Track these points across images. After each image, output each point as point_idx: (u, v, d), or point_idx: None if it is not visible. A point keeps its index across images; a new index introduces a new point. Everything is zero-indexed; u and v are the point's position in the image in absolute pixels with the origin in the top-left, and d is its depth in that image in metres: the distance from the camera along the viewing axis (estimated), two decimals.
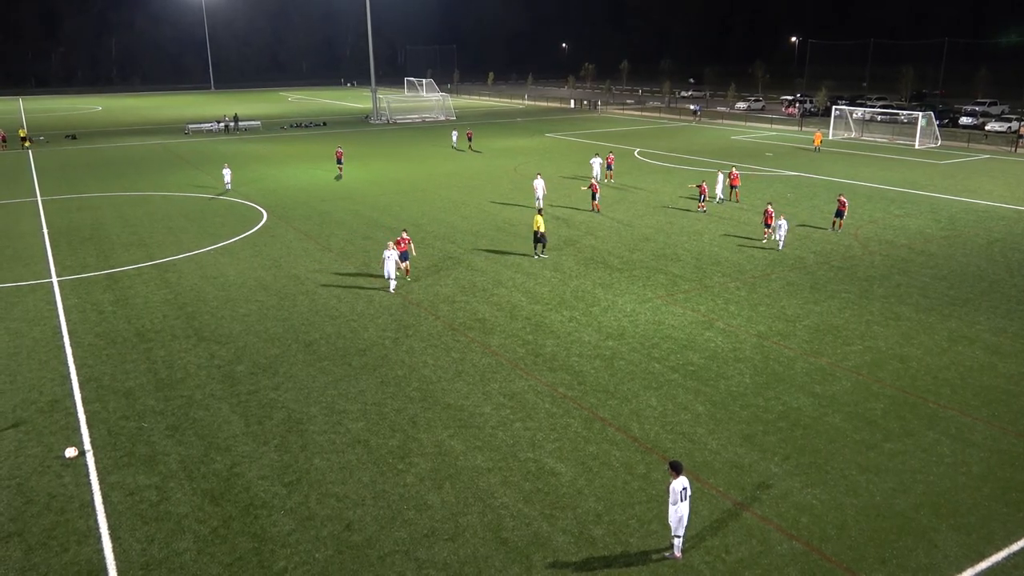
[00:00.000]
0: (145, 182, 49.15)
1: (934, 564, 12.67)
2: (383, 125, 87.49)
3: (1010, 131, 70.74)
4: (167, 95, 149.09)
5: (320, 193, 44.91)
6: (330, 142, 69.29)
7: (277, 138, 74.94)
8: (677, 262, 29.91)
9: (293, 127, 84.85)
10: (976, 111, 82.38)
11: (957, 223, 36.42)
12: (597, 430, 17.05)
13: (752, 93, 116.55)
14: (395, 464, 15.74)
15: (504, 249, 31.94)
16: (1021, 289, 26.51)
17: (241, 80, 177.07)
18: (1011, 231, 34.67)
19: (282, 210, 39.94)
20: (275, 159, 59.41)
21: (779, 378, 19.60)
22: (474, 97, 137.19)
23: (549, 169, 52.47)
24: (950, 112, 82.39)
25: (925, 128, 66.05)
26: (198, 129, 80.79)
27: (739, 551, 13.02)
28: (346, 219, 37.83)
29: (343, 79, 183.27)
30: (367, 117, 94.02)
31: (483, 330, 23.01)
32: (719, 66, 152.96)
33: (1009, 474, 15.24)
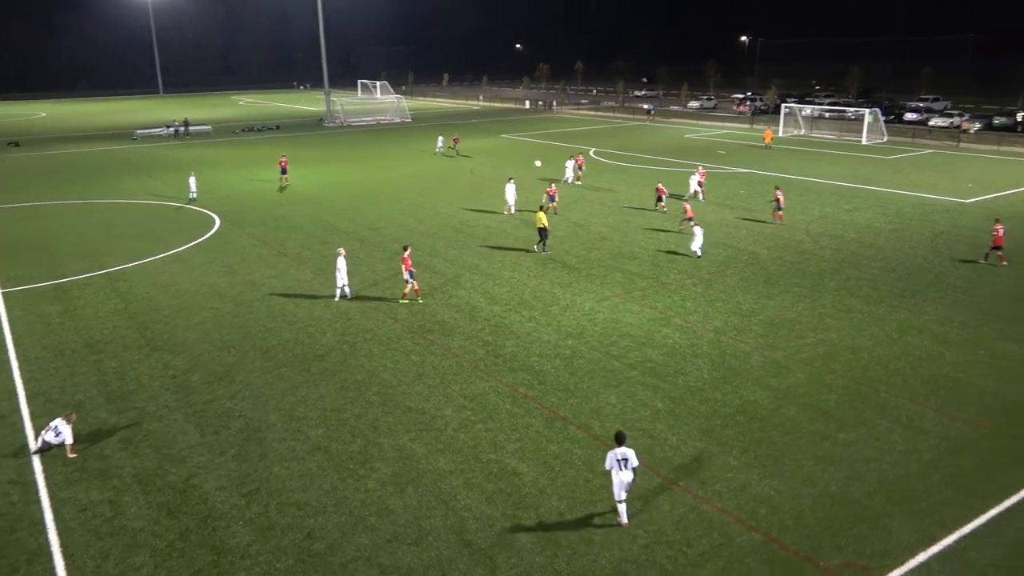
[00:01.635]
0: (94, 190, 47.99)
1: (889, 549, 12.98)
2: (337, 128, 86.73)
3: (952, 126, 72.76)
4: (115, 100, 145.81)
5: (275, 198, 44.34)
6: (283, 146, 68.43)
7: (229, 143, 73.79)
8: (634, 260, 30.18)
9: (245, 131, 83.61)
10: (920, 107, 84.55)
11: (904, 217, 37.35)
12: (558, 429, 17.12)
13: (704, 92, 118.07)
14: (356, 470, 15.61)
15: (462, 251, 31.89)
16: (966, 280, 27.29)
17: (191, 84, 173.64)
18: (955, 223, 35.67)
19: (236, 216, 39.33)
20: (227, 164, 58.48)
21: (736, 372, 19.89)
22: (429, 99, 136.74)
23: (508, 170, 52.50)
24: (895, 108, 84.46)
25: (872, 124, 67.61)
26: (147, 135, 79.13)
27: (700, 544, 13.18)
28: (302, 224, 37.41)
29: (295, 82, 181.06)
30: (321, 120, 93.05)
31: (443, 332, 22.95)
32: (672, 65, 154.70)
33: (958, 460, 15.68)
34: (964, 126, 69.72)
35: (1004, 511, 13.96)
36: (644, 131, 78.02)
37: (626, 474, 13.46)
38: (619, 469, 13.46)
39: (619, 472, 13.48)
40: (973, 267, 28.72)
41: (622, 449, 13.51)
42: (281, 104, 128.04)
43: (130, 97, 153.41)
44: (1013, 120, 72.99)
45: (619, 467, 13.46)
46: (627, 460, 13.45)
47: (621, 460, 13.44)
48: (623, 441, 13.65)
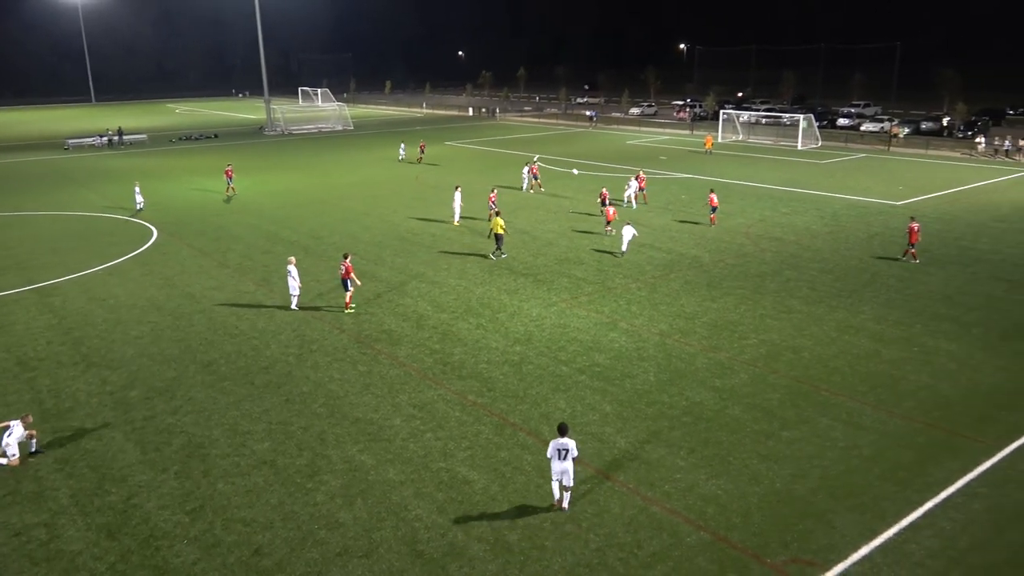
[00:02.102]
0: (23, 201, 46.30)
1: (833, 544, 13.30)
2: (278, 136, 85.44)
3: (883, 131, 75.28)
4: (43, 109, 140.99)
5: (214, 208, 43.42)
6: (222, 155, 67.13)
7: (166, 152, 72.05)
8: (580, 265, 30.41)
9: (182, 140, 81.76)
10: (852, 113, 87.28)
11: (840, 219, 38.46)
12: (508, 435, 17.12)
13: (645, 99, 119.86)
14: (304, 483, 15.35)
15: (408, 259, 31.69)
16: (899, 279, 28.22)
17: (124, 91, 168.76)
18: (888, 225, 36.87)
19: (174, 226, 38.38)
20: (164, 174, 57.05)
21: (681, 374, 20.19)
22: (372, 106, 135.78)
23: (453, 178, 52.45)
24: (828, 114, 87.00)
25: (807, 130, 69.54)
26: (79, 144, 76.68)
27: (651, 545, 13.32)
28: (243, 233, 36.71)
29: (234, 89, 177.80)
30: (261, 128, 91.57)
31: (390, 341, 22.75)
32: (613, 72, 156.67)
33: (896, 454, 16.18)
34: (894, 131, 72.18)
35: (940, 503, 14.45)
36: (587, 137, 78.78)
37: (565, 463, 14.01)
38: (558, 458, 14.04)
39: (558, 461, 14.03)
40: (905, 267, 29.72)
41: (564, 440, 14.07)
42: (219, 112, 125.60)
43: (60, 106, 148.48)
44: (939, 125, 75.92)
45: (558, 456, 14.03)
46: (567, 450, 14.00)
47: (561, 450, 14.02)
48: (565, 432, 14.21)
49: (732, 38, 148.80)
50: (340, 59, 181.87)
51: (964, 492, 14.78)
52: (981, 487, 14.95)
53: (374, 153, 67.77)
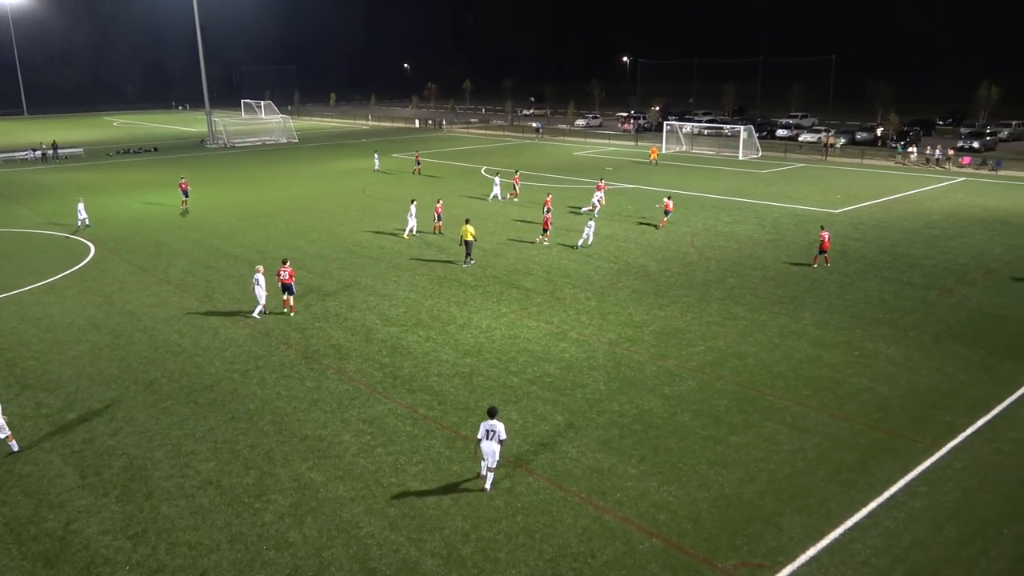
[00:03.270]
0: None
1: (781, 546, 13.54)
2: (220, 149, 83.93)
3: (820, 141, 77.39)
4: None
5: (155, 223, 42.38)
6: (163, 168, 65.72)
7: (103, 166, 70.12)
8: (528, 276, 30.51)
9: (121, 153, 79.66)
10: (790, 124, 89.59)
11: (780, 227, 39.38)
12: (460, 448, 17.03)
13: (590, 110, 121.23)
14: (251, 503, 15.01)
15: (356, 272, 31.38)
16: (839, 285, 28.99)
17: (58, 104, 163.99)
18: None
19: (112, 242, 37.33)
20: (102, 188, 55.48)
21: (631, 383, 20.37)
22: (317, 118, 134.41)
23: (400, 190, 52.22)
24: (768, 125, 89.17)
25: (747, 140, 71.14)
26: (10, 158, 74.12)
27: (604, 554, 13.37)
28: (185, 249, 35.89)
29: (174, 102, 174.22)
30: (203, 141, 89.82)
31: (338, 356, 22.47)
32: (559, 84, 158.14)
33: (840, 456, 16.57)
34: (830, 141, 74.27)
35: (883, 502, 14.84)
36: (534, 149, 79.27)
37: (493, 445, 15.00)
38: (487, 439, 15.00)
39: (487, 442, 15.02)
40: (844, 273, 30.55)
41: (492, 422, 15.00)
42: (159, 125, 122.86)
43: None
44: (873, 135, 78.44)
45: (487, 437, 14.99)
46: (495, 432, 14.93)
47: (489, 431, 14.96)
48: (494, 415, 15.16)
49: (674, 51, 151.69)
50: (283, 71, 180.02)
51: (905, 491, 15.21)
52: (921, 486, 15.41)
53: (320, 166, 67.05)
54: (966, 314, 25.60)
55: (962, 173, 58.97)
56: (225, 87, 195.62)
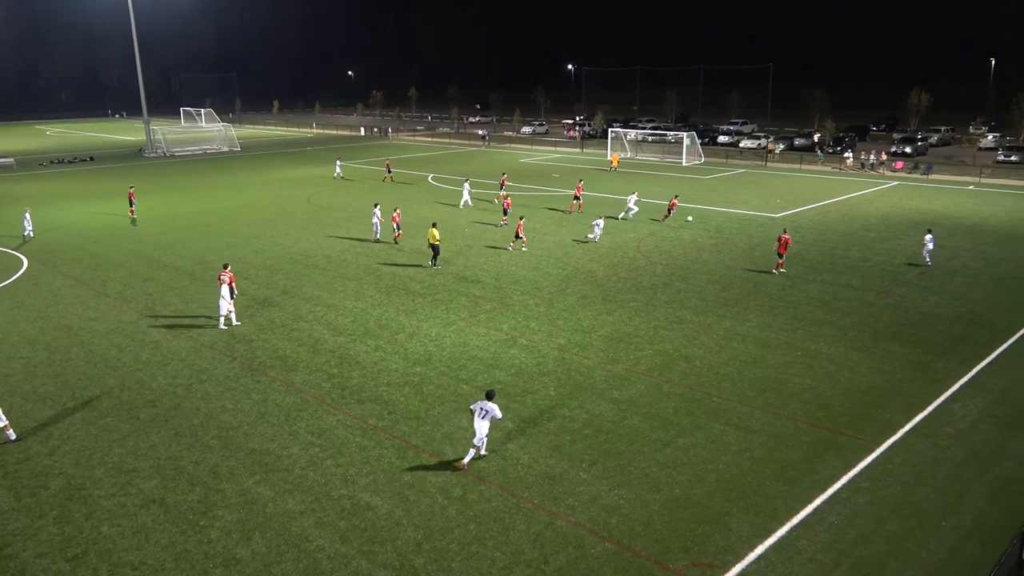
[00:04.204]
0: None
1: (730, 545, 13.76)
2: (160, 158, 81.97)
3: (760, 147, 79.25)
4: None
5: (92, 234, 41.15)
6: (100, 178, 63.92)
7: (35, 176, 67.84)
8: (477, 284, 30.49)
9: (55, 163, 77.15)
10: (731, 130, 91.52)
11: (723, 232, 40.14)
12: (411, 458, 16.90)
13: (536, 118, 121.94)
14: (197, 520, 14.64)
15: (302, 282, 30.94)
16: (780, 287, 29.66)
17: None
18: (768, 236, 38.72)
19: (46, 255, 36.11)
20: (34, 199, 53.53)
21: (581, 387, 20.49)
22: (259, 126, 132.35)
23: (346, 198, 51.73)
24: (710, 132, 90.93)
25: (690, 147, 72.42)
26: None
27: (557, 560, 13.40)
28: (124, 260, 34.92)
29: (110, 110, 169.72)
30: (141, 150, 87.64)
31: (285, 368, 22.10)
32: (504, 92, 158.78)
33: (785, 454, 16.93)
34: (770, 147, 76.08)
35: (827, 499, 15.20)
36: (480, 156, 79.35)
37: (484, 424, 15.96)
38: (480, 418, 15.97)
39: (479, 420, 15.98)
40: (786, 275, 31.27)
41: (489, 403, 16.02)
42: (95, 134, 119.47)
43: None
44: (811, 141, 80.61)
45: (479, 415, 15.97)
46: (488, 412, 15.92)
47: (482, 411, 15.95)
48: (491, 397, 16.28)
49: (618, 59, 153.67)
50: (224, 78, 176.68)
51: (849, 487, 15.61)
52: (863, 482, 15.83)
53: (263, 175, 66.00)
54: (902, 314, 26.44)
55: (895, 177, 60.97)
56: (164, 95, 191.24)
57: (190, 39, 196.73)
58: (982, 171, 61.27)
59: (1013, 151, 68.73)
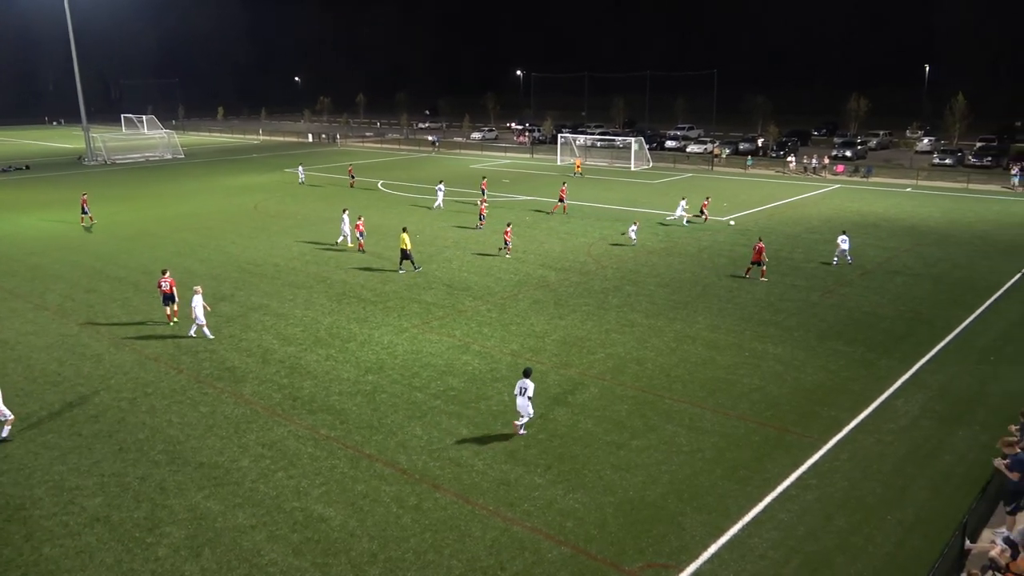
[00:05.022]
0: None
1: (684, 545, 13.91)
2: (100, 166, 79.83)
3: (706, 152, 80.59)
4: None
5: (28, 245, 39.83)
6: (36, 187, 61.96)
7: None
8: (429, 290, 30.35)
9: None
10: (678, 136, 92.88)
11: (672, 235, 40.68)
12: (364, 468, 16.72)
13: (486, 124, 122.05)
14: (143, 538, 14.25)
15: (250, 291, 30.41)
16: (727, 289, 30.18)
17: None
18: (715, 239, 39.40)
19: None
20: None
21: (535, 392, 20.49)
22: (204, 133, 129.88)
23: (294, 206, 51.06)
24: (657, 137, 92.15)
25: (638, 152, 73.32)
26: None
27: (513, 565, 13.38)
28: (63, 272, 33.87)
29: (47, 117, 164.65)
30: (80, 158, 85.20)
31: (233, 379, 21.67)
32: (453, 97, 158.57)
33: (735, 454, 17.20)
34: (716, 152, 77.44)
35: (777, 496, 15.49)
36: (430, 162, 79.10)
37: (523, 400, 17.55)
38: (520, 395, 17.59)
39: (519, 397, 17.62)
40: (732, 278, 31.82)
41: (524, 381, 17.57)
42: (31, 141, 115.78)
43: None
44: (755, 146, 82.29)
45: (519, 392, 17.59)
46: (525, 389, 17.42)
47: (521, 388, 17.53)
48: (528, 375, 17.72)
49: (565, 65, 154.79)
50: (166, 84, 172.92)
51: (797, 484, 15.93)
52: (812, 478, 16.17)
53: (209, 182, 64.76)
54: (846, 313, 27.12)
55: (837, 180, 62.59)
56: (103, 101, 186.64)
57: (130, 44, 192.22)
58: (919, 174, 63.30)
59: (947, 154, 71.14)
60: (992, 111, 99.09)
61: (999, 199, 52.34)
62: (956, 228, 42.10)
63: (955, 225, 42.93)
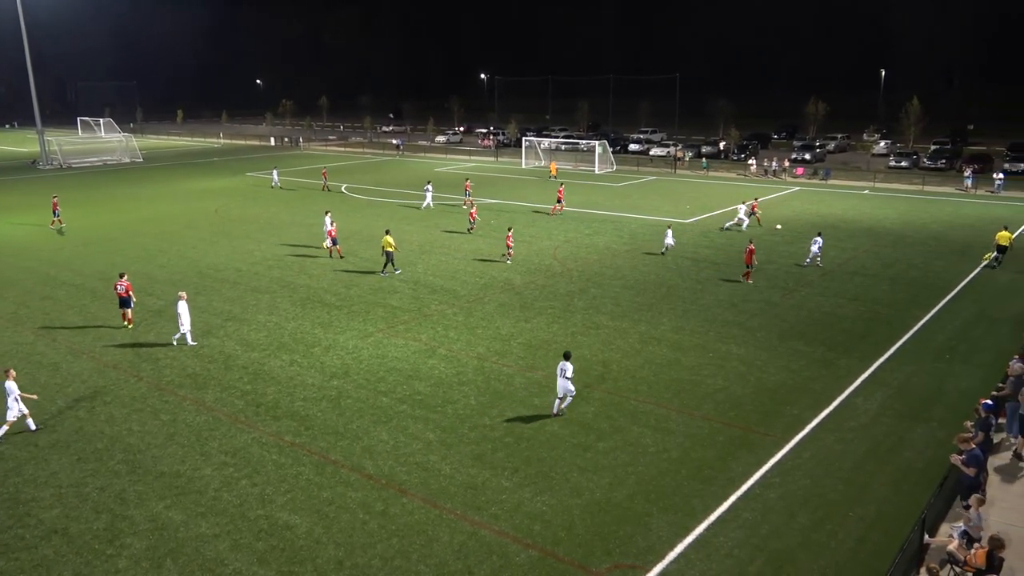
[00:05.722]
0: None
1: (651, 546, 14.01)
2: (55, 170, 78.05)
3: (669, 155, 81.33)
4: None
5: None
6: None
7: None
8: (394, 294, 30.19)
9: None
10: (641, 139, 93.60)
11: (636, 238, 40.99)
12: (330, 474, 16.56)
13: (450, 127, 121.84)
14: (103, 550, 13.95)
15: (211, 297, 29.97)
16: (691, 291, 30.48)
17: None
18: (678, 241, 39.70)
19: None
20: None
21: (501, 396, 20.52)
22: (163, 137, 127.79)
23: (256, 210, 50.46)
24: (621, 140, 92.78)
25: (602, 155, 73.74)
26: None
27: (481, 569, 13.35)
28: (17, 278, 33.05)
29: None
30: (35, 162, 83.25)
31: (195, 386, 21.33)
32: (417, 101, 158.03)
33: (701, 454, 17.37)
34: (678, 155, 78.21)
35: (742, 495, 15.67)
36: (395, 166, 78.73)
37: (563, 381, 18.70)
38: (560, 376, 18.74)
39: (560, 378, 18.77)
40: (696, 279, 32.15)
41: (565, 363, 18.71)
42: None
43: None
44: (717, 149, 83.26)
45: (560, 374, 18.73)
46: (564, 370, 18.59)
47: (561, 369, 18.67)
48: (568, 357, 18.89)
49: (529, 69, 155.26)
50: (124, 87, 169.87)
51: (761, 483, 16.13)
52: (774, 477, 16.39)
53: (169, 186, 63.72)
54: (806, 313, 27.55)
55: (796, 183, 63.59)
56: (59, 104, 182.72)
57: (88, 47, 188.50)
58: (876, 176, 64.56)
59: (903, 157, 72.67)
60: (945, 115, 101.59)
61: (953, 200, 53.63)
62: (912, 229, 43.03)
63: (911, 226, 43.87)
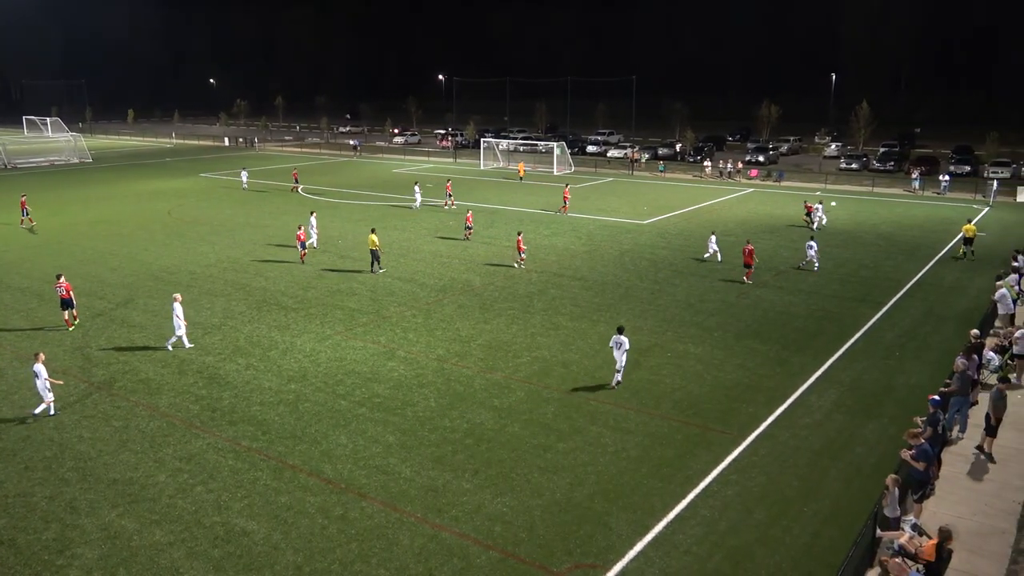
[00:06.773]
0: None
1: (611, 545, 14.10)
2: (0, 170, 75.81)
3: (626, 157, 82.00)
4: None
5: None
6: None
7: None
8: (353, 296, 29.93)
9: None
10: (599, 140, 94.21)
11: (594, 238, 41.25)
12: (288, 479, 16.35)
13: (408, 128, 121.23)
14: (53, 560, 13.58)
15: (164, 300, 29.35)
16: (650, 291, 30.77)
17: None
18: (636, 242, 40.13)
19: None
20: None
21: (461, 397, 20.48)
22: (113, 137, 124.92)
23: (209, 211, 49.61)
24: (579, 142, 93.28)
25: (560, 156, 74.04)
26: None
27: (442, 572, 13.30)
28: None
29: None
30: None
31: (148, 391, 20.89)
32: (374, 101, 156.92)
33: (659, 452, 17.54)
34: (635, 156, 78.90)
35: (700, 493, 15.87)
36: (352, 167, 78.07)
37: (620, 354, 20.49)
38: (616, 349, 20.52)
39: (616, 351, 20.55)
40: (654, 279, 32.46)
41: (620, 337, 20.51)
42: None
43: None
44: (673, 151, 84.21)
45: (616, 347, 20.51)
46: (621, 344, 20.42)
47: (616, 342, 20.50)
48: (622, 332, 20.64)
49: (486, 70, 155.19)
50: (72, 86, 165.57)
51: (719, 480, 16.36)
52: (732, 474, 16.63)
53: (119, 187, 62.30)
54: (761, 313, 28.01)
55: (751, 184, 64.61)
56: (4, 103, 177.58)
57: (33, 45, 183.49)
58: (827, 178, 65.91)
59: (853, 159, 74.29)
60: (894, 118, 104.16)
61: (901, 201, 55.01)
62: (862, 229, 44.02)
63: (861, 227, 44.88)
